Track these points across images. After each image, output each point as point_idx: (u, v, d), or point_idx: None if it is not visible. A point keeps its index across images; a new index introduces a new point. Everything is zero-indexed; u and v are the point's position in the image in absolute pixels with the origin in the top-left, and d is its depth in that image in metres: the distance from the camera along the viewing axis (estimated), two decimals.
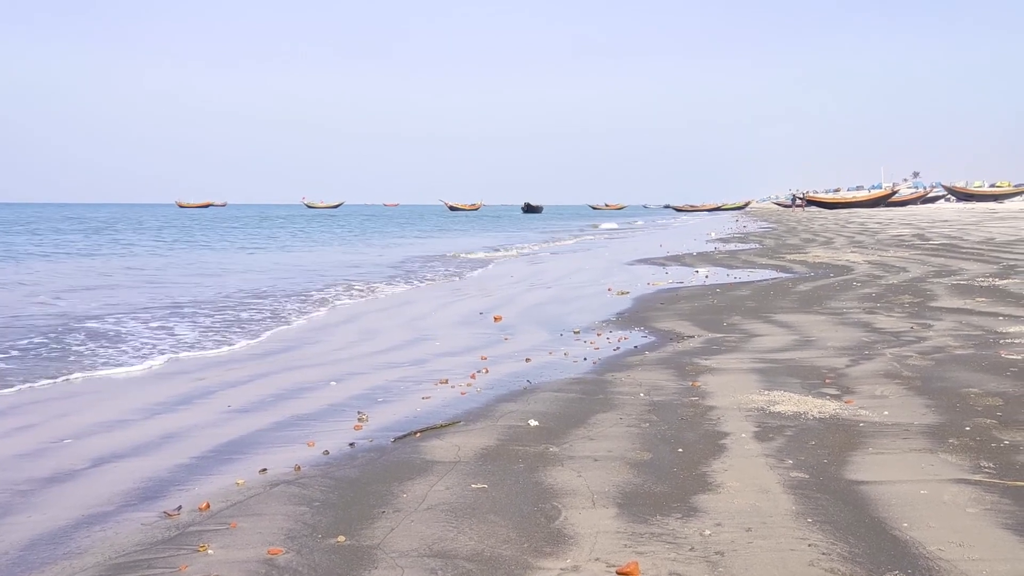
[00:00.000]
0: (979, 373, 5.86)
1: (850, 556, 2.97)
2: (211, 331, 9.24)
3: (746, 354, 7.05)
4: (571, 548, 3.12)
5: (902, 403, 5.15)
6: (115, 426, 5.21)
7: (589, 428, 4.80)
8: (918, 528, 3.21)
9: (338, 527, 3.36)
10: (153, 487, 4.00)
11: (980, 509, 3.38)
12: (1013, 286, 10.95)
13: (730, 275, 14.75)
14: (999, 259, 15.13)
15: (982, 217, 35.40)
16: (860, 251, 18.90)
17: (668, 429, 4.72)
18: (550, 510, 3.51)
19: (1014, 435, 4.37)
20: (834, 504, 3.49)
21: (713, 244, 25.61)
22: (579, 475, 3.95)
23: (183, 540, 3.26)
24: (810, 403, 5.19)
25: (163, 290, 13.83)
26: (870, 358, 6.62)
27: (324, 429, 5.00)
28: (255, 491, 3.82)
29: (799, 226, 36.05)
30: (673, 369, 6.47)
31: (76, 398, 6.12)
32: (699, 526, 3.29)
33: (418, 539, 3.21)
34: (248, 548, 3.16)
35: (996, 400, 5.08)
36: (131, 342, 8.43)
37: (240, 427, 5.11)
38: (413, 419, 5.15)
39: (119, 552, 3.17)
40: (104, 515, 3.63)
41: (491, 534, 3.26)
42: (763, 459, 4.13)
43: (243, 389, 6.22)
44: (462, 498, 3.66)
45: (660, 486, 3.78)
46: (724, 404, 5.26)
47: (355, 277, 16.27)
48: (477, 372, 6.60)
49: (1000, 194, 72.15)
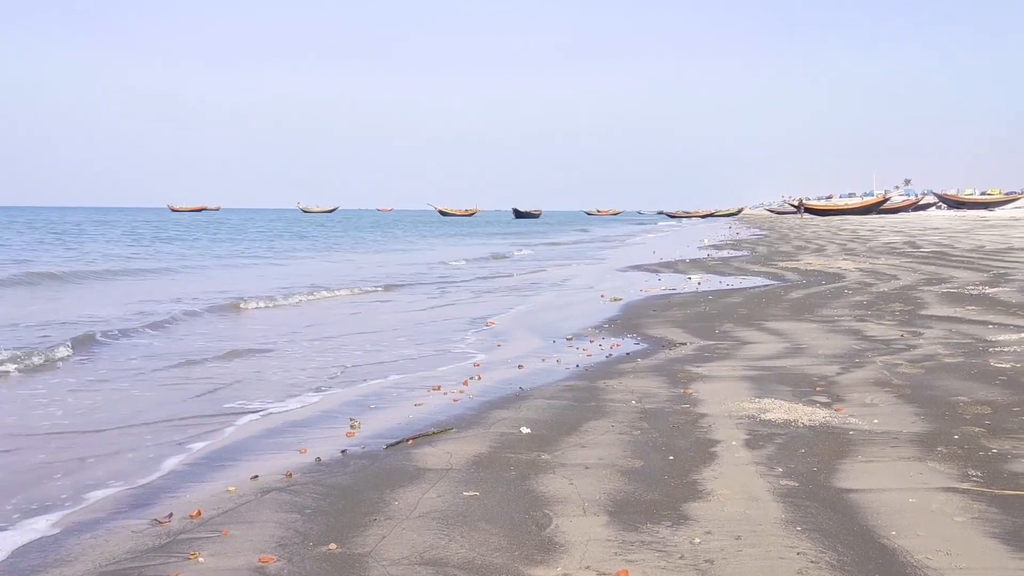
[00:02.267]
0: (968, 381, 5.90)
1: (839, 564, 2.99)
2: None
3: (738, 361, 7.08)
4: (562, 556, 3.13)
5: (892, 411, 5.18)
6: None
7: (581, 435, 4.81)
8: (906, 536, 3.23)
9: (329, 535, 3.36)
10: (144, 494, 4.00)
11: (968, 518, 3.41)
12: (1003, 294, 11.02)
13: (723, 282, 14.80)
14: (989, 267, 15.21)
15: (973, 225, 35.60)
16: (852, 258, 18.99)
17: (659, 436, 4.74)
18: (541, 518, 3.52)
19: (1002, 443, 4.40)
20: (823, 512, 3.51)
21: (706, 251, 25.70)
22: (570, 483, 3.96)
23: (174, 547, 3.26)
24: (800, 411, 5.21)
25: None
26: (860, 366, 6.65)
27: (316, 436, 5.00)
28: (246, 498, 3.82)
29: (791, 233, 36.20)
30: (665, 376, 6.49)
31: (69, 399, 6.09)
32: (689, 534, 3.31)
33: (409, 547, 3.22)
34: (239, 556, 3.16)
35: (985, 408, 5.11)
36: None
37: (231, 433, 5.11)
38: (406, 426, 5.16)
39: (109, 560, 3.17)
40: (94, 522, 3.62)
41: (482, 542, 3.27)
42: (753, 467, 4.15)
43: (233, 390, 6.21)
44: (454, 506, 3.67)
45: (651, 494, 3.80)
46: (715, 412, 5.28)
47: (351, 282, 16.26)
48: (470, 378, 6.61)
49: (991, 202, 72.56)
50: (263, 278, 17.85)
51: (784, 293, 12.44)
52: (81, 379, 6.84)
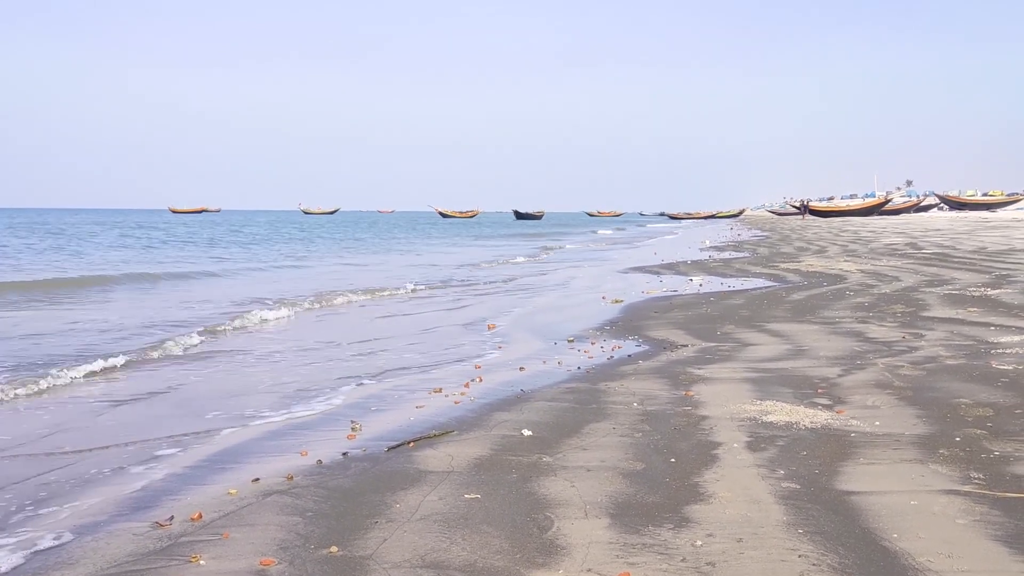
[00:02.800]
0: (970, 383, 5.89)
1: (840, 567, 2.99)
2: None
3: (739, 363, 7.07)
4: (563, 559, 3.13)
5: (893, 413, 5.18)
6: (108, 431, 5.20)
7: (582, 438, 4.81)
8: (908, 539, 3.22)
9: (331, 537, 3.36)
10: (145, 496, 4.00)
11: (970, 520, 3.40)
12: (1005, 296, 11.01)
13: (724, 284, 14.79)
14: (991, 269, 15.20)
15: (974, 226, 35.58)
16: (853, 260, 18.98)
17: (661, 439, 4.74)
18: (543, 520, 3.52)
19: (1004, 446, 4.39)
20: (825, 514, 3.51)
21: (707, 252, 25.68)
22: (572, 485, 3.96)
23: (175, 550, 3.26)
24: (802, 413, 5.21)
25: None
26: (862, 368, 6.65)
27: (317, 438, 5.00)
28: (248, 501, 3.82)
29: (793, 235, 36.19)
30: (667, 378, 6.49)
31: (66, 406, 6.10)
32: (691, 536, 3.30)
33: (411, 550, 3.21)
34: (240, 559, 3.16)
35: (987, 411, 5.10)
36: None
37: (232, 436, 5.11)
38: (407, 428, 5.15)
39: (111, 562, 3.17)
40: (95, 525, 3.62)
41: (484, 544, 3.26)
42: (755, 469, 4.15)
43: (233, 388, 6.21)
44: (455, 508, 3.67)
45: (652, 496, 3.80)
46: (717, 414, 5.28)
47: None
48: (471, 381, 6.61)
49: (993, 203, 72.58)
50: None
51: (786, 295, 12.43)
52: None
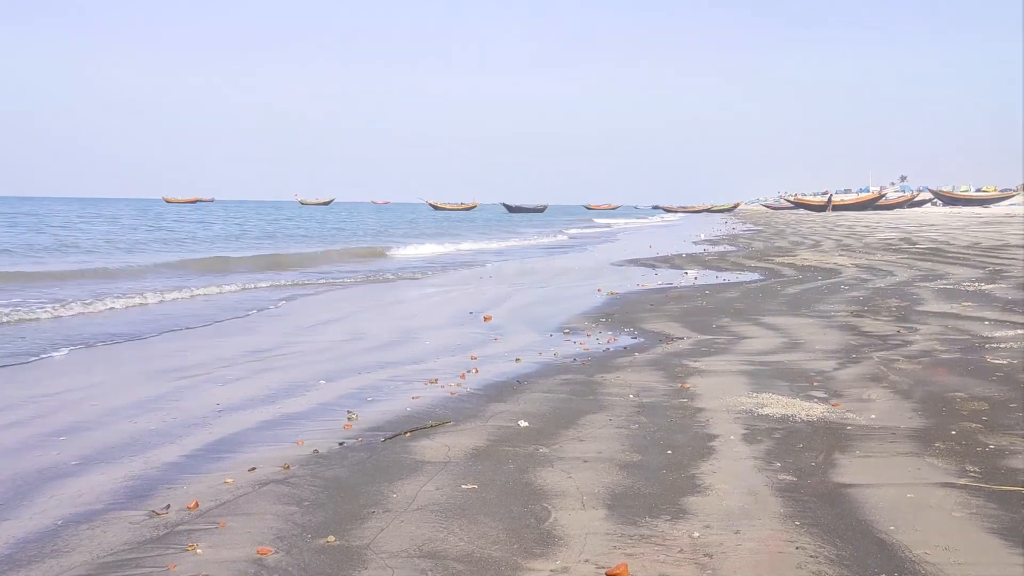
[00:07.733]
0: (965, 377, 5.92)
1: (837, 559, 3.00)
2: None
3: (735, 356, 7.09)
4: (561, 549, 3.13)
5: (889, 407, 5.19)
6: (105, 421, 5.18)
7: (579, 429, 4.81)
8: (904, 531, 3.24)
9: (328, 527, 3.36)
10: (141, 485, 3.98)
11: (966, 513, 3.42)
12: (999, 291, 11.05)
13: (719, 277, 14.81)
14: (985, 263, 15.25)
15: (968, 221, 35.71)
16: (848, 254, 19.02)
17: (657, 431, 4.74)
18: (540, 511, 3.52)
19: (999, 439, 4.41)
20: (822, 507, 3.52)
21: (702, 246, 25.71)
22: (569, 476, 3.96)
23: (171, 539, 3.25)
24: (798, 406, 5.22)
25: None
26: (857, 361, 6.67)
27: (314, 428, 4.99)
28: (244, 490, 3.81)
29: (787, 229, 36.24)
30: (662, 370, 6.49)
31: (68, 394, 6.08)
32: (688, 528, 3.31)
33: (408, 540, 3.21)
34: (237, 548, 3.15)
35: (981, 404, 5.13)
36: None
37: (229, 425, 5.09)
38: (403, 419, 5.15)
39: (107, 551, 3.16)
40: (92, 513, 3.61)
41: (481, 535, 3.26)
42: (751, 461, 4.16)
43: (232, 386, 6.19)
44: (452, 498, 3.67)
45: (649, 488, 3.80)
46: (713, 406, 5.29)
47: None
48: (467, 372, 6.60)
49: (986, 198, 72.83)
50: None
51: (780, 288, 12.45)
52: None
